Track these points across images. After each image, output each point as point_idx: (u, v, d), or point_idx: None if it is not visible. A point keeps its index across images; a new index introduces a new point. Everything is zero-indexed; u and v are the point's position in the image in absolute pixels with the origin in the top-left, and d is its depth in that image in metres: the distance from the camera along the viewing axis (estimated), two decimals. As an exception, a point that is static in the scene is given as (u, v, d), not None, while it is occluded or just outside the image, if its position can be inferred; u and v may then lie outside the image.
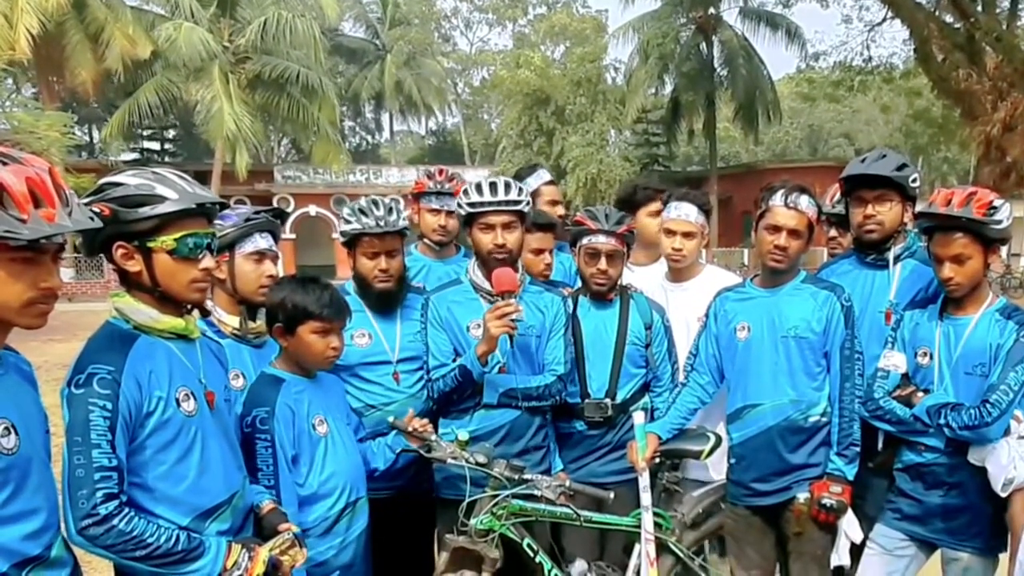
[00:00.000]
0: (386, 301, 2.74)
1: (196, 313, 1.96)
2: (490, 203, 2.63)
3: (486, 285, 2.69)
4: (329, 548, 2.29)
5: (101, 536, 1.65)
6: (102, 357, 1.72)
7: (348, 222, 2.67)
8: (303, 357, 2.32)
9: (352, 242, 2.71)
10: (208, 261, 1.85)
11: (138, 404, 1.73)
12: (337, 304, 2.33)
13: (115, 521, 1.66)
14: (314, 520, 2.25)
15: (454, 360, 2.68)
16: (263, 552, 1.87)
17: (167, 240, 1.77)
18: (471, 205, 2.65)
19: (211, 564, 1.78)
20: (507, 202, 2.63)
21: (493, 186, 2.65)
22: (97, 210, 1.69)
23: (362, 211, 2.66)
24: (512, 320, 2.50)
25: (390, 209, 2.67)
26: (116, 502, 1.67)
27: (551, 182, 3.60)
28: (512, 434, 2.69)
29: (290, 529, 1.99)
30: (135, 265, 1.78)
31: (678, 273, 3.11)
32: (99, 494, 1.65)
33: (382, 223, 2.63)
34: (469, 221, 2.69)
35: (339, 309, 2.34)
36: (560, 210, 3.46)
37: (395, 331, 2.77)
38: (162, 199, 1.75)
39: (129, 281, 1.82)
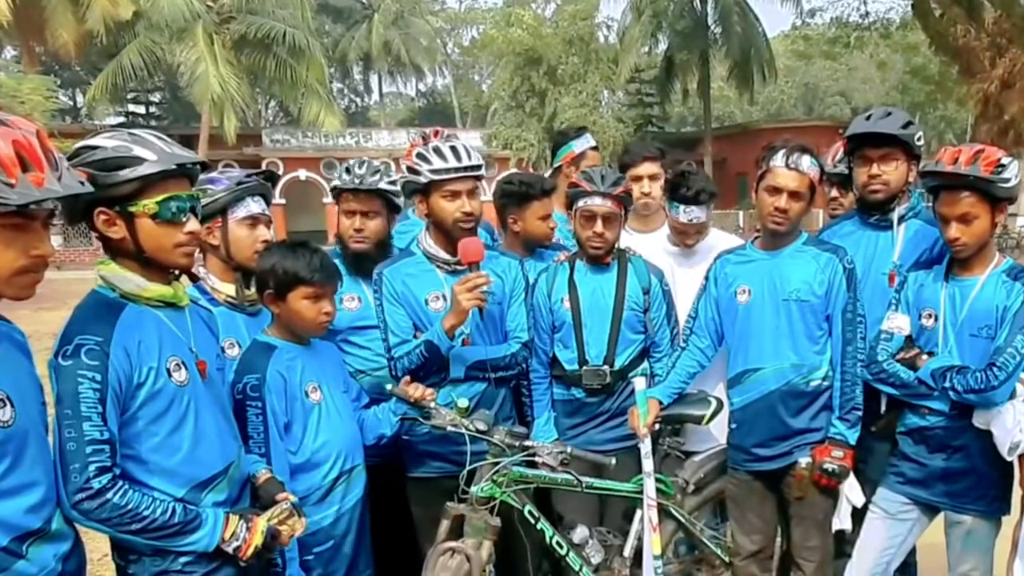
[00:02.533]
0: (361, 262, 2.67)
1: (185, 280, 1.90)
2: (456, 169, 2.50)
3: (441, 254, 2.60)
4: (324, 517, 2.28)
5: (95, 510, 1.63)
6: (89, 327, 1.68)
7: (336, 179, 2.69)
8: (295, 323, 2.29)
9: (337, 201, 2.70)
10: (193, 224, 1.79)
11: (128, 375, 1.69)
12: (327, 268, 2.29)
13: (109, 495, 1.64)
14: (308, 488, 2.23)
15: (415, 336, 2.57)
16: (261, 522, 1.86)
17: (149, 204, 1.71)
18: (435, 172, 2.50)
19: (208, 536, 1.76)
20: (473, 167, 2.53)
21: (455, 151, 2.52)
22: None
23: (347, 169, 2.66)
24: (483, 291, 2.43)
25: (376, 171, 2.64)
26: (109, 475, 1.64)
27: (596, 148, 3.59)
28: (481, 407, 2.60)
29: (288, 498, 1.97)
30: (118, 231, 1.73)
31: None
32: (92, 467, 1.62)
33: (358, 180, 2.60)
34: (426, 189, 2.54)
35: (330, 273, 2.31)
36: None
37: None
38: (140, 160, 1.69)
39: (113, 248, 1.77)
